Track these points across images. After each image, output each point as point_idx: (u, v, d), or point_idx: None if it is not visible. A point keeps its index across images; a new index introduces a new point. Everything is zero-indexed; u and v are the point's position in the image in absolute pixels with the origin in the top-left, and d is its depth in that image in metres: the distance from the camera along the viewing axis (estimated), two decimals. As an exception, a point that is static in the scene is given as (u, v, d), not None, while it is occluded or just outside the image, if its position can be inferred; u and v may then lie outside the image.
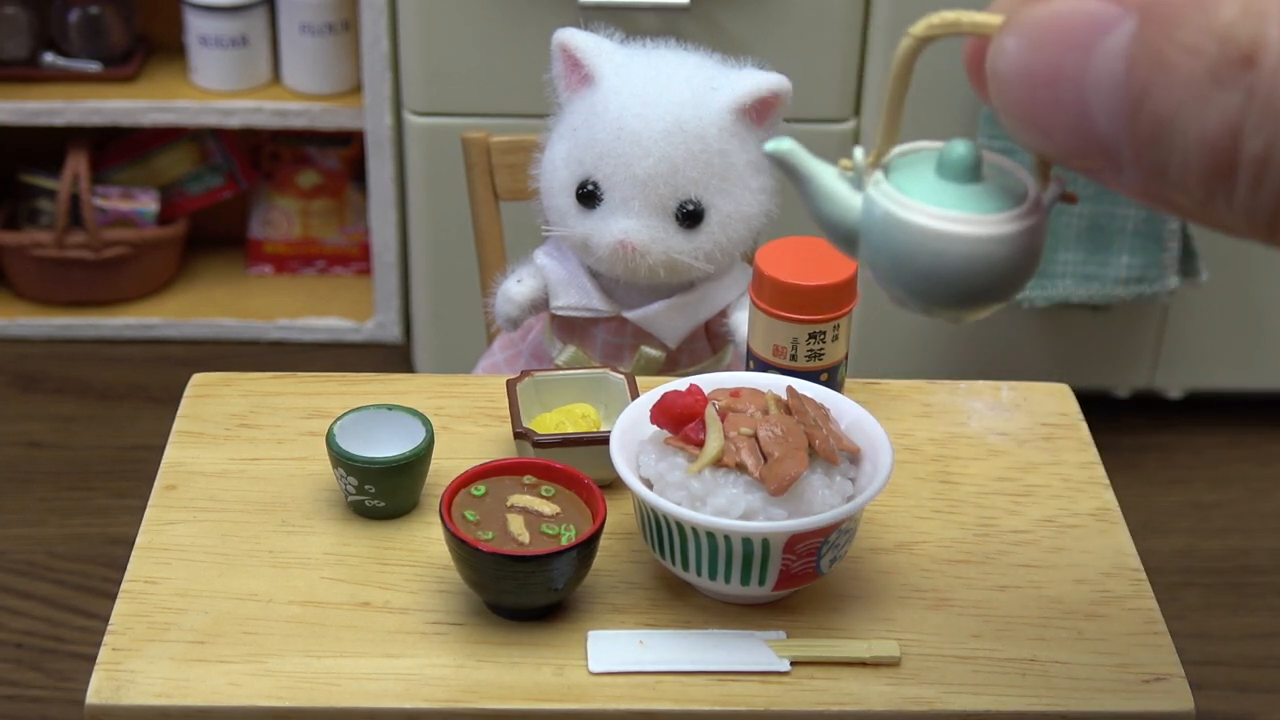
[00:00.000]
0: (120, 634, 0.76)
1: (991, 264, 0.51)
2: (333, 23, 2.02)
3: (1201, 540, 1.74)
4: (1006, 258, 0.51)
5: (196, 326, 2.11)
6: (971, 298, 0.52)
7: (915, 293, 0.53)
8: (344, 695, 0.73)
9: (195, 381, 0.95)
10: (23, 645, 1.60)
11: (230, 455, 0.89)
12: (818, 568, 0.76)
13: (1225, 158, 0.26)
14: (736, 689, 0.75)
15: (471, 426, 0.91)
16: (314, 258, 2.21)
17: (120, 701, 0.73)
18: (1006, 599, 0.81)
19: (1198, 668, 1.52)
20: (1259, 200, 0.26)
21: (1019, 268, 0.51)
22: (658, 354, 1.06)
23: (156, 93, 2.05)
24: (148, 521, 0.84)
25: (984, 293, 0.52)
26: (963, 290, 0.51)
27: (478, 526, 0.76)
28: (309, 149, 2.20)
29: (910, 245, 0.52)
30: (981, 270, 0.51)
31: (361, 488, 0.82)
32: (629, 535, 0.82)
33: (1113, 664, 0.77)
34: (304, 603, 0.79)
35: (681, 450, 0.76)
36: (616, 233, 1.01)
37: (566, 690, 0.74)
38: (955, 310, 0.53)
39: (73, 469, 1.85)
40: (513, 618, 0.77)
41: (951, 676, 0.76)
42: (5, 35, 2.02)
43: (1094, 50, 0.27)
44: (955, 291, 0.52)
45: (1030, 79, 0.28)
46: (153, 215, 2.12)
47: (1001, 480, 0.89)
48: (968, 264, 0.51)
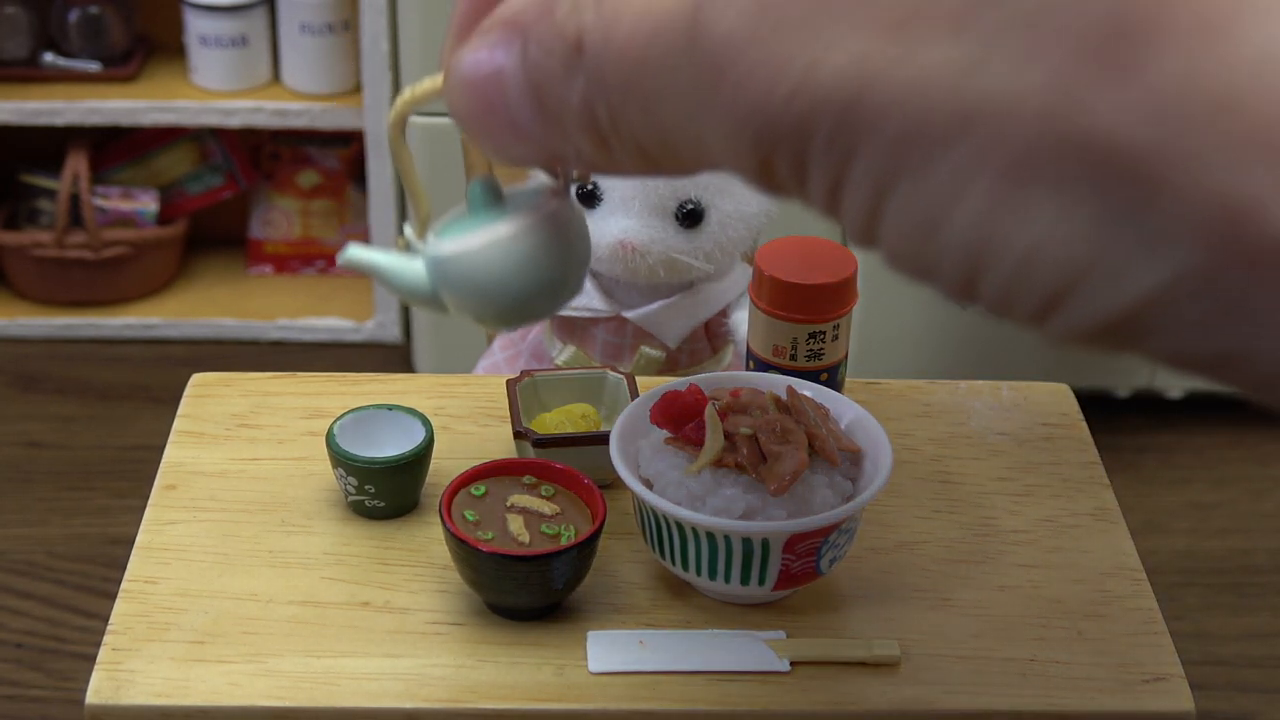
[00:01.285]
0: (120, 634, 0.76)
1: (516, 260, 0.58)
2: (333, 23, 2.02)
3: (1201, 540, 1.74)
4: (529, 249, 0.58)
5: (196, 326, 2.11)
6: (529, 292, 0.58)
7: (484, 311, 0.60)
8: (344, 695, 0.73)
9: (195, 381, 0.95)
10: (23, 645, 1.60)
11: (230, 455, 0.89)
12: (818, 568, 0.76)
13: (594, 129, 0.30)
14: (736, 689, 0.75)
15: (471, 426, 0.91)
16: (314, 257, 2.21)
17: (120, 701, 0.73)
18: (1006, 599, 0.81)
19: (1198, 668, 1.52)
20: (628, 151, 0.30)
21: (551, 253, 0.58)
22: (658, 354, 1.06)
23: (156, 92, 2.05)
24: (148, 521, 0.84)
25: (536, 283, 0.58)
26: (512, 292, 0.58)
27: (477, 526, 0.76)
28: (309, 149, 2.20)
29: (455, 275, 0.59)
30: (517, 267, 0.58)
31: (361, 488, 0.82)
32: (629, 535, 0.82)
33: (1112, 664, 0.77)
34: (304, 603, 0.79)
35: (681, 450, 0.76)
36: (616, 232, 1.01)
37: (566, 690, 0.74)
38: (523, 312, 0.60)
39: (73, 469, 1.85)
40: (513, 618, 0.78)
41: (951, 676, 0.76)
42: (5, 35, 2.02)
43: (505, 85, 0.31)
44: (509, 296, 0.58)
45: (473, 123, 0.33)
46: (153, 215, 2.12)
47: (1001, 480, 0.89)
48: (499, 268, 0.58)
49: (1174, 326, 0.22)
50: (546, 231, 0.58)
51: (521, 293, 0.59)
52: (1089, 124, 0.22)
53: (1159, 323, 0.22)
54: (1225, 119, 0.20)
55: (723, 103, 0.26)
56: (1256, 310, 0.21)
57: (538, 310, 0.60)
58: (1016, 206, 0.23)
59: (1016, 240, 0.23)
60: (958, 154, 0.23)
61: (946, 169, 0.23)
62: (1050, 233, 0.22)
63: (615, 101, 0.29)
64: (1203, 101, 0.21)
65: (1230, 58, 0.20)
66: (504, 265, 0.58)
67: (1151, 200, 0.21)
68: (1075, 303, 0.23)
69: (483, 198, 0.61)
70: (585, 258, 0.60)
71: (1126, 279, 0.22)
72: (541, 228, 0.58)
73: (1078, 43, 0.22)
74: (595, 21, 0.28)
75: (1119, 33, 0.21)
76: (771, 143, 0.25)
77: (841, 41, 0.24)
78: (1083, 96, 0.22)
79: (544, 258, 0.58)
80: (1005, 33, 0.22)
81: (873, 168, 0.24)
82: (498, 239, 0.58)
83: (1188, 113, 0.21)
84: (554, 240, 0.58)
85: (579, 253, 0.59)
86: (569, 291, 0.59)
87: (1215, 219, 0.21)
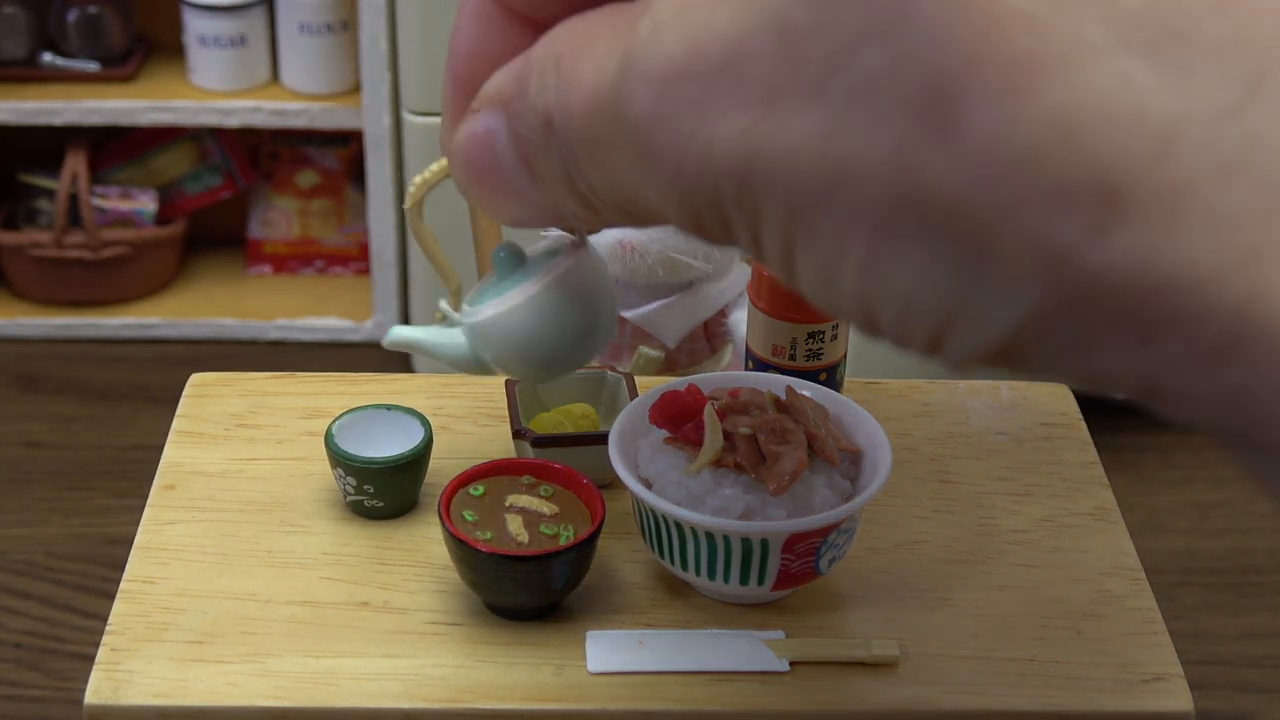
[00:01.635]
0: (119, 634, 0.76)
1: (547, 315, 0.61)
2: (332, 23, 2.02)
3: (1201, 540, 1.74)
4: (560, 300, 0.61)
5: (196, 326, 2.11)
6: (564, 343, 0.62)
7: (528, 367, 0.63)
8: (343, 695, 0.73)
9: (194, 381, 0.95)
10: (22, 645, 1.60)
11: (229, 455, 0.89)
12: (817, 568, 0.76)
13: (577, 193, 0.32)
14: (736, 689, 0.75)
15: (470, 426, 0.91)
16: (313, 258, 2.21)
17: (119, 701, 0.73)
18: (1006, 599, 0.81)
19: (1197, 667, 1.52)
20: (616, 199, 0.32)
21: (577, 305, 0.62)
22: (657, 354, 1.06)
23: (155, 92, 2.05)
24: (147, 521, 0.84)
25: (568, 334, 0.62)
26: (549, 345, 0.62)
27: (476, 526, 0.76)
28: (308, 149, 2.20)
29: (491, 339, 0.63)
30: (547, 322, 0.61)
31: (361, 488, 0.82)
32: (629, 535, 0.82)
33: (1112, 664, 0.77)
34: (303, 603, 0.79)
35: (680, 450, 0.76)
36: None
37: (565, 690, 0.74)
38: (565, 361, 0.63)
39: (72, 469, 1.85)
40: (512, 618, 0.77)
41: (951, 676, 0.76)
42: (4, 35, 2.02)
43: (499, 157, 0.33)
44: (546, 349, 0.62)
45: (476, 193, 0.35)
46: (152, 215, 2.12)
47: (1001, 480, 0.89)
48: (532, 325, 0.61)
49: (1043, 354, 0.24)
50: (569, 285, 0.61)
51: (557, 345, 0.62)
52: (926, 183, 0.24)
53: (1030, 352, 0.24)
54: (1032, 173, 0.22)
55: (651, 174, 0.28)
56: (1097, 341, 0.23)
57: (576, 357, 0.63)
58: (889, 260, 0.25)
59: (895, 289, 0.25)
60: (834, 214, 0.25)
61: (829, 228, 0.26)
62: (920, 281, 0.25)
63: (585, 170, 0.31)
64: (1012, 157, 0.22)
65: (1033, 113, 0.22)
66: (534, 323, 0.62)
67: (990, 250, 0.23)
68: (954, 340, 0.25)
69: (507, 262, 0.64)
70: (612, 301, 0.63)
71: (989, 320, 0.24)
72: (564, 282, 0.61)
73: (907, 106, 0.23)
74: (556, 100, 0.30)
75: (938, 94, 0.23)
76: (695, 208, 0.28)
77: (729, 118, 0.26)
78: (917, 158, 0.24)
79: (570, 310, 0.62)
80: (853, 100, 0.24)
81: (776, 228, 0.27)
82: (525, 300, 0.62)
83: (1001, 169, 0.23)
84: (578, 291, 0.62)
85: (605, 297, 0.63)
86: (603, 334, 0.63)
87: (1041, 266, 0.23)
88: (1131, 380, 0.23)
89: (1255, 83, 0.21)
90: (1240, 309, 0.21)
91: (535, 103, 0.31)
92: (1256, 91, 0.21)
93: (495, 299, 0.63)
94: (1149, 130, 0.21)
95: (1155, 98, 0.21)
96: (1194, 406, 0.23)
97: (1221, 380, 0.22)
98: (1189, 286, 0.21)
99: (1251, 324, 0.21)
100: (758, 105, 0.25)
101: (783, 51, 0.25)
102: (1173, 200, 0.21)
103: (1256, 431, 0.22)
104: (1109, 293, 0.22)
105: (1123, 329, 0.22)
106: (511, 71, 0.32)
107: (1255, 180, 0.21)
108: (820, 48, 0.24)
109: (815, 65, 0.24)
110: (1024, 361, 0.24)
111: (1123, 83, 0.21)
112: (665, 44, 0.27)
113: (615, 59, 0.28)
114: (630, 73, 0.28)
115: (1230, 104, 0.21)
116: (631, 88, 0.28)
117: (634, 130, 0.28)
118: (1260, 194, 0.21)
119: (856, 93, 0.24)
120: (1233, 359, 0.21)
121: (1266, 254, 0.20)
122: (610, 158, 0.30)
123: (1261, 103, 0.21)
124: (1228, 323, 0.21)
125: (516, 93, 0.32)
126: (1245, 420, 0.22)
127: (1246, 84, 0.21)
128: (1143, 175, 0.21)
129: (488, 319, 0.63)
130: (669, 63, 0.27)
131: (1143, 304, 0.22)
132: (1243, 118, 0.21)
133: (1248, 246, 0.21)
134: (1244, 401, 0.22)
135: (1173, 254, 0.21)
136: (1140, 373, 0.23)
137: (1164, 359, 0.22)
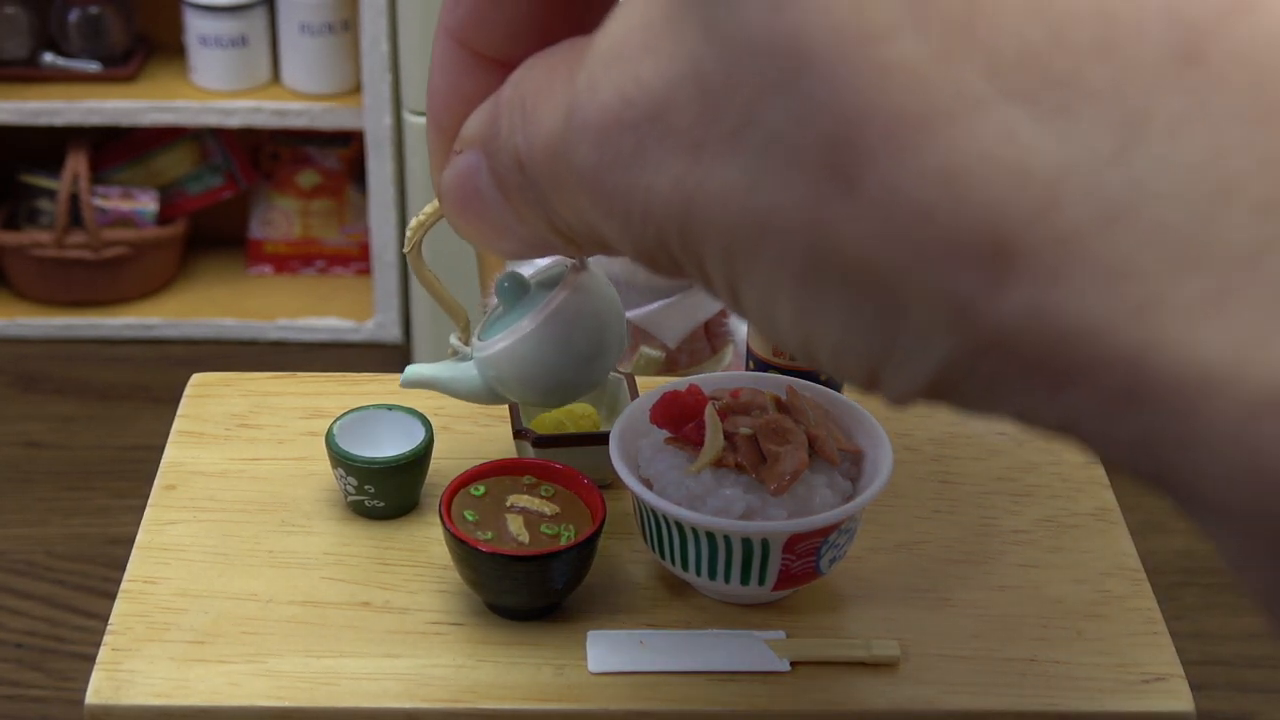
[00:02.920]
0: (120, 634, 0.76)
1: (554, 344, 0.62)
2: (332, 23, 2.02)
3: (1201, 540, 1.74)
4: (564, 328, 0.62)
5: (196, 326, 2.11)
6: (573, 370, 0.63)
7: (542, 395, 0.64)
8: (344, 695, 0.73)
9: (195, 381, 0.95)
10: (23, 645, 1.60)
11: (230, 455, 0.89)
12: (818, 568, 0.76)
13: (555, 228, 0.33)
14: (736, 689, 0.75)
15: (471, 426, 0.91)
16: (314, 258, 2.21)
17: (120, 701, 0.73)
18: (1006, 599, 0.81)
19: (1198, 668, 1.52)
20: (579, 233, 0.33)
21: (582, 330, 0.62)
22: (657, 354, 1.06)
23: (156, 93, 2.05)
24: (147, 521, 0.84)
25: (576, 356, 0.62)
26: (560, 372, 0.62)
27: (477, 526, 0.76)
28: (309, 149, 2.20)
29: (502, 371, 0.63)
30: (555, 348, 0.62)
31: (361, 488, 0.82)
32: (629, 535, 0.82)
33: (1112, 664, 0.77)
34: (304, 603, 0.79)
35: (681, 450, 0.76)
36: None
37: (566, 690, 0.74)
38: (578, 384, 0.64)
39: (73, 469, 1.85)
40: (512, 618, 0.78)
41: (951, 676, 0.76)
42: (5, 35, 2.02)
43: (483, 196, 0.34)
44: (558, 376, 0.63)
45: (467, 231, 0.36)
46: (152, 215, 2.12)
47: (1001, 480, 0.89)
48: (541, 355, 0.62)
49: (970, 396, 0.24)
50: (573, 311, 0.62)
51: (567, 371, 0.63)
52: (837, 238, 0.24)
53: (958, 393, 0.24)
54: (927, 229, 0.22)
55: (605, 219, 0.29)
56: (1013, 387, 0.23)
57: (589, 379, 0.64)
58: (816, 309, 0.25)
59: (826, 335, 0.26)
60: (764, 263, 0.26)
61: (762, 275, 0.26)
62: (847, 328, 0.25)
63: (557, 208, 0.31)
64: (907, 214, 0.22)
65: (921, 170, 0.22)
66: (543, 353, 0.62)
67: (903, 301, 0.24)
68: (886, 380, 0.25)
69: (511, 291, 0.65)
70: (619, 318, 0.63)
71: (913, 365, 0.24)
72: (567, 309, 0.62)
73: (811, 161, 0.24)
74: (523, 143, 0.31)
75: (836, 150, 0.23)
76: (647, 250, 0.29)
77: (664, 167, 0.26)
78: (826, 213, 0.24)
79: (577, 336, 0.62)
80: (766, 153, 0.24)
81: (718, 271, 0.27)
82: (531, 331, 0.62)
83: (899, 227, 0.23)
84: (582, 316, 0.62)
85: (610, 318, 0.63)
86: (613, 353, 0.63)
87: (949, 319, 0.23)
88: (1053, 422, 0.23)
89: (1138, 128, 0.21)
90: (1136, 359, 0.21)
91: (507, 144, 0.31)
92: (1139, 137, 0.21)
93: (502, 332, 0.64)
94: (1033, 182, 0.21)
95: (1038, 148, 0.21)
96: (1110, 450, 0.23)
97: (1130, 427, 0.22)
98: (1085, 338, 0.21)
99: (1148, 374, 0.21)
100: (687, 154, 0.26)
101: (702, 102, 0.25)
102: (1061, 252, 0.21)
103: (1166, 477, 0.22)
104: (1014, 344, 0.22)
105: (1033, 377, 0.22)
106: (484, 114, 0.33)
107: (1141, 229, 0.20)
108: (733, 99, 0.24)
109: (731, 117, 0.25)
110: (956, 401, 0.24)
111: (1005, 135, 0.21)
112: (599, 95, 0.27)
113: (563, 107, 0.29)
114: (572, 123, 0.28)
115: (1113, 151, 0.21)
116: (575, 139, 0.28)
117: (583, 178, 0.28)
118: (1147, 243, 0.20)
119: (767, 146, 0.24)
120: (1136, 407, 0.21)
121: (1157, 304, 0.20)
122: (573, 199, 0.30)
123: (1145, 148, 0.21)
124: (1126, 373, 0.21)
125: (491, 134, 0.32)
126: (1156, 466, 0.22)
127: (1129, 130, 0.21)
128: (1030, 228, 0.21)
129: (497, 353, 0.63)
130: (605, 114, 0.27)
131: (1047, 354, 0.22)
132: (1126, 165, 0.21)
133: (1138, 297, 0.21)
134: (1152, 448, 0.22)
135: (1066, 306, 0.21)
136: (1058, 416, 0.23)
137: (1075, 405, 0.22)
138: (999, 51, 0.21)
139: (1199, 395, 0.20)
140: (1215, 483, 0.21)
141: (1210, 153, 0.20)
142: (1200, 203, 0.20)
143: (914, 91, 0.22)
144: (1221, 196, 0.20)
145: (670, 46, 0.26)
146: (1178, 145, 0.20)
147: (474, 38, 0.34)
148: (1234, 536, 0.22)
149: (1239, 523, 0.21)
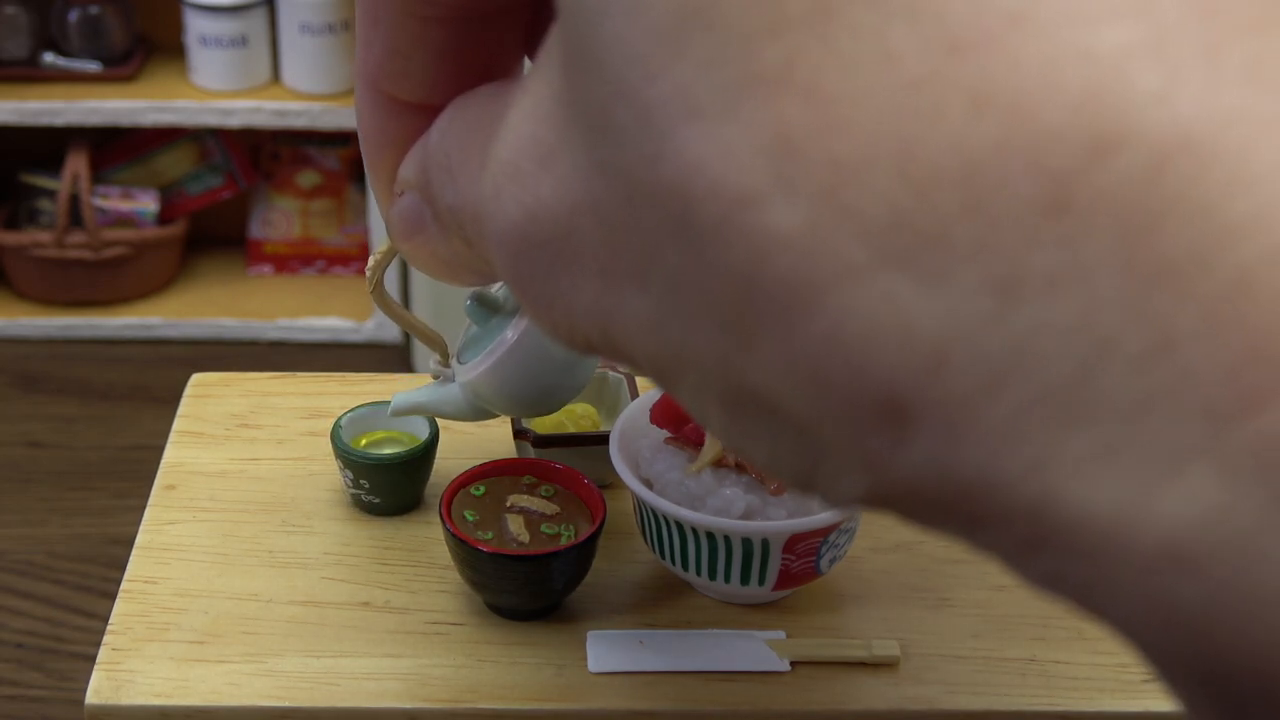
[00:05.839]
0: (120, 634, 0.76)
1: (532, 358, 0.63)
2: (333, 23, 2.02)
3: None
4: (538, 341, 0.62)
5: (196, 326, 2.11)
6: (554, 379, 0.63)
7: (528, 407, 0.66)
8: (344, 695, 0.73)
9: (195, 381, 0.95)
10: (23, 645, 1.60)
11: (230, 455, 0.89)
12: (817, 567, 0.76)
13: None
14: (736, 689, 0.75)
15: (472, 426, 0.92)
16: (314, 258, 2.21)
17: (120, 701, 0.73)
18: (1006, 599, 0.81)
19: (1198, 667, 1.52)
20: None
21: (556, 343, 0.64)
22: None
23: (156, 93, 2.05)
24: (148, 521, 0.84)
25: (556, 368, 0.63)
26: (541, 384, 0.64)
27: (477, 526, 0.76)
28: (309, 149, 2.20)
29: (484, 391, 0.64)
30: (532, 363, 0.63)
31: (360, 483, 0.82)
32: (629, 535, 0.82)
33: (1113, 664, 0.77)
34: (304, 602, 0.79)
35: (681, 450, 0.76)
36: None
37: (566, 690, 0.74)
38: (562, 390, 0.65)
39: (73, 469, 1.85)
40: (513, 618, 0.78)
41: (951, 676, 0.76)
42: (5, 35, 2.02)
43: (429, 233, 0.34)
44: (539, 388, 0.64)
45: (420, 266, 0.36)
46: (153, 215, 2.12)
47: (1001, 480, 0.89)
48: (520, 372, 0.63)
49: (901, 512, 0.24)
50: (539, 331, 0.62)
51: (548, 380, 0.64)
52: (749, 382, 0.24)
53: (892, 507, 0.24)
54: (825, 392, 0.22)
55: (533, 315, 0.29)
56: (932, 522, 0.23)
57: (571, 385, 0.65)
58: (742, 430, 0.25)
59: (756, 452, 0.26)
60: (688, 386, 0.26)
61: (688, 395, 0.26)
62: (774, 451, 0.25)
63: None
64: (805, 376, 0.23)
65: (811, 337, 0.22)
66: (521, 369, 0.63)
67: (819, 443, 0.24)
68: (821, 493, 0.26)
69: (479, 312, 0.65)
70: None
71: (841, 488, 0.24)
72: (535, 330, 0.61)
73: (712, 312, 0.24)
74: (454, 201, 0.31)
75: (731, 307, 0.23)
76: (579, 349, 0.28)
77: (579, 287, 0.26)
78: (734, 360, 0.24)
79: (552, 344, 0.62)
80: (671, 295, 0.24)
81: (652, 379, 0.27)
82: (507, 351, 0.63)
83: (800, 386, 0.23)
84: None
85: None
86: (592, 360, 0.62)
87: (862, 465, 0.23)
88: (978, 549, 0.24)
89: (1011, 290, 0.21)
90: (1035, 513, 0.21)
91: (439, 196, 0.31)
92: (1014, 299, 0.21)
93: (480, 355, 0.64)
94: (920, 345, 0.21)
95: (920, 311, 0.21)
96: (1031, 583, 0.23)
97: (1041, 568, 0.22)
98: (984, 493, 0.21)
99: (1047, 527, 0.21)
100: (597, 279, 0.25)
101: (604, 234, 0.25)
102: (952, 414, 0.21)
103: (1086, 609, 0.22)
104: (923, 492, 0.22)
105: (947, 520, 0.23)
106: (415, 162, 0.33)
107: (1027, 391, 0.21)
108: (632, 239, 0.24)
109: (633, 254, 0.24)
110: (891, 511, 0.25)
111: (886, 301, 0.21)
112: (505, 207, 0.27)
113: (479, 192, 0.28)
114: (484, 230, 0.28)
115: (991, 313, 0.21)
116: (489, 246, 0.28)
117: (506, 278, 0.28)
118: (1033, 403, 0.21)
119: (671, 289, 0.24)
120: (1041, 553, 0.22)
121: (1047, 462, 0.21)
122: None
123: (1020, 310, 0.20)
124: (1027, 524, 0.21)
125: (424, 183, 0.32)
126: (1075, 600, 0.22)
127: (1003, 292, 0.21)
128: (920, 391, 0.21)
129: (477, 376, 0.64)
130: (513, 228, 0.27)
131: (953, 504, 0.22)
132: (1004, 326, 0.21)
133: (1029, 458, 0.21)
134: (1062, 585, 0.22)
135: (962, 464, 0.21)
136: (979, 547, 0.23)
137: (989, 545, 0.23)
138: (870, 217, 0.21)
139: (1098, 548, 0.21)
140: (1128, 624, 0.21)
141: (1084, 310, 0.20)
142: (1079, 361, 0.20)
143: (792, 260, 0.22)
144: (1098, 354, 0.20)
145: (566, 170, 0.25)
146: (1051, 305, 0.20)
147: (389, 86, 0.33)
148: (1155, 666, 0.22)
149: (1157, 659, 0.22)
